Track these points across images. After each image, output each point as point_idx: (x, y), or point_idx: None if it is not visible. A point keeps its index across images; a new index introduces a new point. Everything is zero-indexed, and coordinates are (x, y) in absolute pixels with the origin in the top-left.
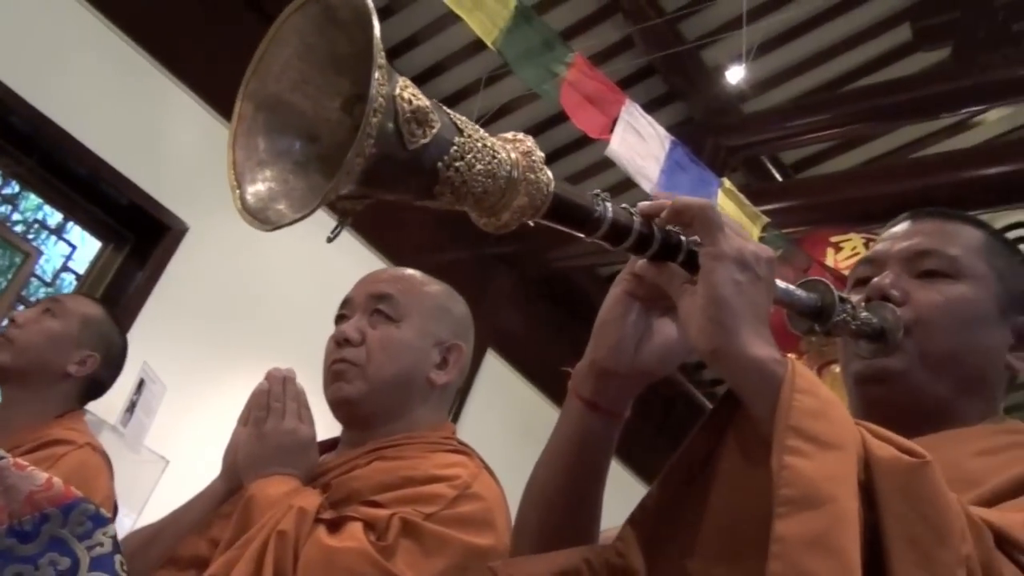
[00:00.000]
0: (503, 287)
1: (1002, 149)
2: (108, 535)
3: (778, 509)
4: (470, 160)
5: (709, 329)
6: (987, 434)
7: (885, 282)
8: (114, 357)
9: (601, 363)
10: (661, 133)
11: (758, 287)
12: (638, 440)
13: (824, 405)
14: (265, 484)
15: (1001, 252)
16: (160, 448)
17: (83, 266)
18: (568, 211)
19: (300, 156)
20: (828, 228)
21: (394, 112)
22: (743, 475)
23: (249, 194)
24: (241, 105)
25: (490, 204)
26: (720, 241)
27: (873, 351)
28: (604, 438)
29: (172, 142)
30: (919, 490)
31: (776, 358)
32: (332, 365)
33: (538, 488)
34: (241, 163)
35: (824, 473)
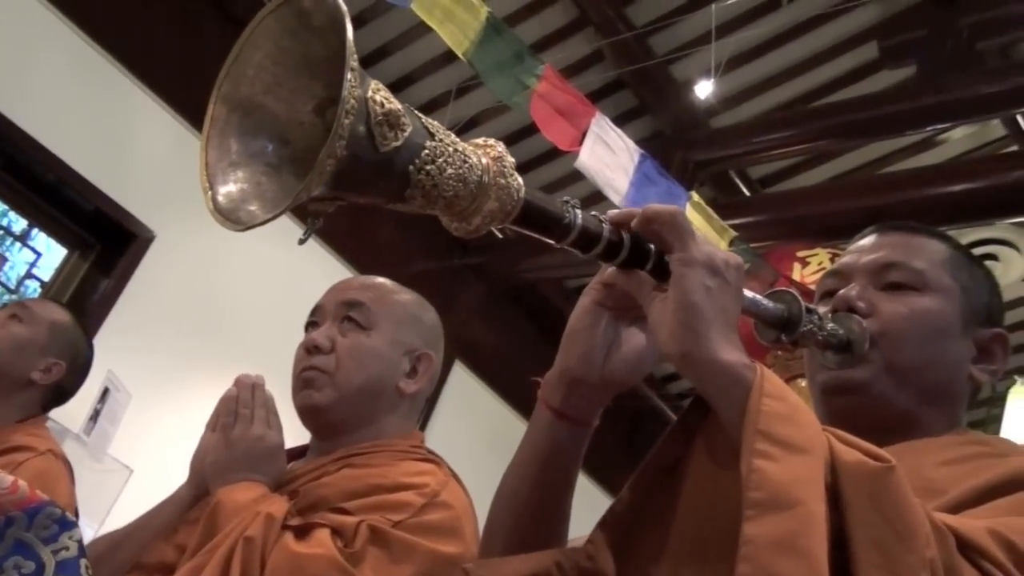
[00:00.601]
0: (471, 298)
1: (967, 167)
2: (74, 539)
3: (747, 512)
4: (441, 164)
5: (680, 333)
6: (950, 445)
7: (851, 294)
8: (80, 366)
9: (571, 372)
10: (630, 146)
11: (728, 293)
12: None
13: (792, 410)
14: (232, 490)
15: (965, 266)
16: (124, 457)
17: (48, 273)
18: (538, 217)
19: (272, 158)
20: (795, 243)
21: (366, 114)
22: (712, 479)
23: (221, 195)
24: (214, 107)
25: (461, 208)
26: (691, 247)
27: (839, 362)
28: (573, 447)
29: (140, 149)
30: (884, 494)
31: (745, 363)
32: (301, 372)
33: (507, 496)
34: (213, 164)
35: (792, 476)
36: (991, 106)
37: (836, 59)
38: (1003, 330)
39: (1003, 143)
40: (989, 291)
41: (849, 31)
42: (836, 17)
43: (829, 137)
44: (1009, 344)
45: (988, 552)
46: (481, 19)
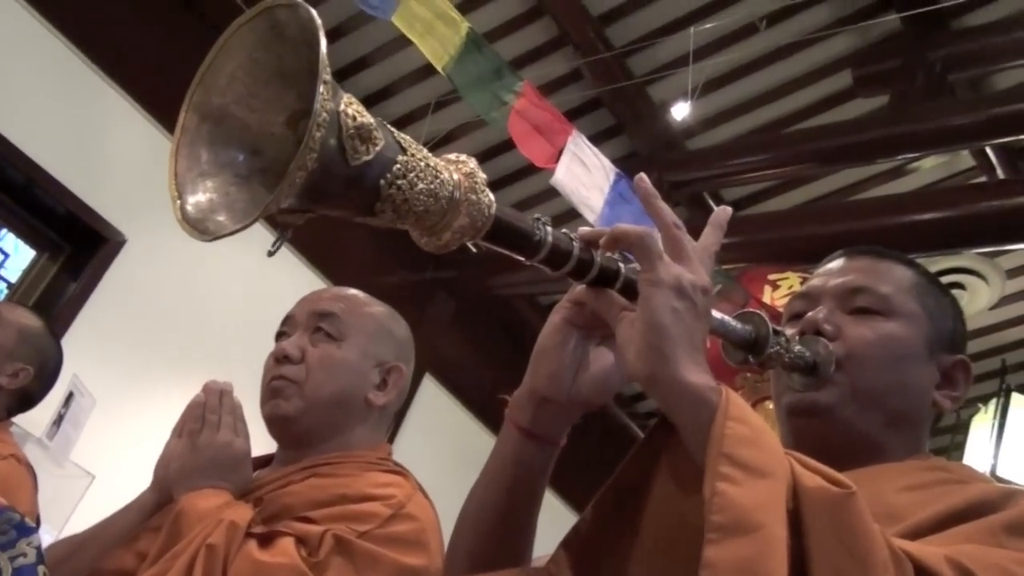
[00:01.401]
0: (442, 312)
1: (936, 196)
2: (32, 545)
3: (709, 535)
4: (412, 179)
5: (646, 354)
6: (912, 470)
7: (819, 316)
8: (49, 372)
9: (539, 391)
10: (606, 165)
11: (695, 315)
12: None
13: (756, 433)
14: (196, 497)
15: (931, 292)
16: (86, 463)
17: (15, 275)
18: (509, 233)
19: (243, 169)
20: (766, 266)
21: (338, 127)
22: (675, 500)
23: (190, 204)
24: (185, 116)
25: (431, 224)
26: (659, 268)
27: (805, 384)
28: (540, 465)
29: (112, 151)
30: (844, 520)
31: (711, 385)
32: (270, 382)
33: (473, 513)
34: (183, 173)
35: (754, 500)
36: (961, 137)
37: (811, 86)
38: (966, 357)
39: (972, 174)
40: (954, 318)
41: (824, 59)
42: (812, 45)
43: (802, 162)
44: (971, 371)
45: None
46: (461, 34)
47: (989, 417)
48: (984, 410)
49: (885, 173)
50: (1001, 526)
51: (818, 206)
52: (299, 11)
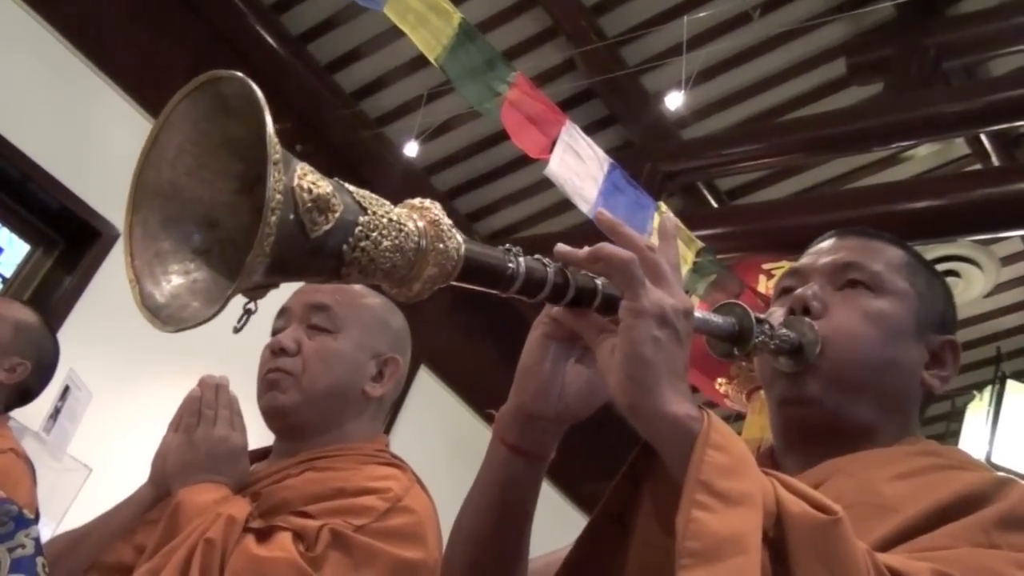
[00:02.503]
0: (437, 304)
1: (931, 184)
2: (31, 537)
3: (681, 560)
4: (376, 238)
5: (626, 385)
6: (904, 456)
7: (807, 293)
8: (45, 366)
9: (526, 408)
10: (600, 155)
11: (677, 342)
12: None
13: (736, 462)
14: (193, 491)
15: (921, 272)
16: (83, 456)
17: (10, 269)
18: (480, 272)
19: (200, 244)
20: (761, 255)
21: (294, 204)
22: (659, 527)
23: (152, 290)
24: (135, 196)
25: (400, 277)
26: (641, 296)
27: (792, 366)
28: (530, 481)
29: (105, 146)
30: (829, 547)
31: (692, 415)
32: (267, 374)
33: (465, 527)
34: (139, 255)
35: (729, 529)
36: (955, 124)
37: (805, 74)
38: (955, 338)
39: (966, 161)
40: (944, 299)
41: (818, 47)
42: (806, 33)
43: (797, 151)
44: (960, 352)
45: None
46: (454, 25)
47: (984, 404)
48: (979, 397)
49: (880, 161)
50: (992, 522)
51: (812, 195)
52: (240, 84)
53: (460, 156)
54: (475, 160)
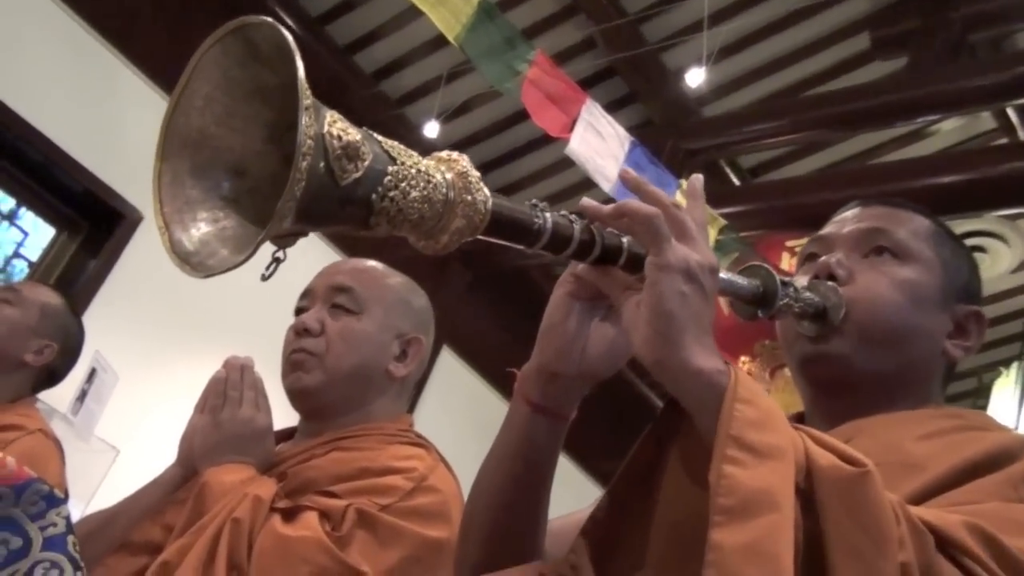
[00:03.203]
0: (459, 284)
1: (956, 159)
2: (61, 515)
3: (715, 518)
4: (404, 188)
5: (653, 340)
6: (928, 418)
7: (832, 260)
8: (72, 348)
9: (548, 367)
10: (621, 133)
11: (703, 298)
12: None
13: (765, 415)
14: (220, 472)
15: (946, 242)
16: (110, 438)
17: (36, 253)
18: (507, 226)
19: (229, 192)
20: (784, 233)
21: (324, 150)
22: (687, 484)
23: (181, 237)
24: (164, 143)
25: (428, 228)
26: (666, 251)
27: (815, 330)
28: (551, 440)
29: (127, 129)
30: (858, 499)
31: (719, 369)
32: (291, 355)
33: (485, 489)
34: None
35: (761, 483)
36: (981, 98)
37: (828, 49)
38: (980, 308)
39: (992, 135)
40: (969, 270)
41: (841, 21)
42: (828, 7)
43: (820, 127)
44: (985, 322)
45: (967, 548)
46: (473, 4)
47: (1011, 381)
48: (1006, 374)
49: (903, 137)
50: (1021, 478)
51: (836, 171)
52: (270, 29)
53: (480, 136)
54: (495, 140)
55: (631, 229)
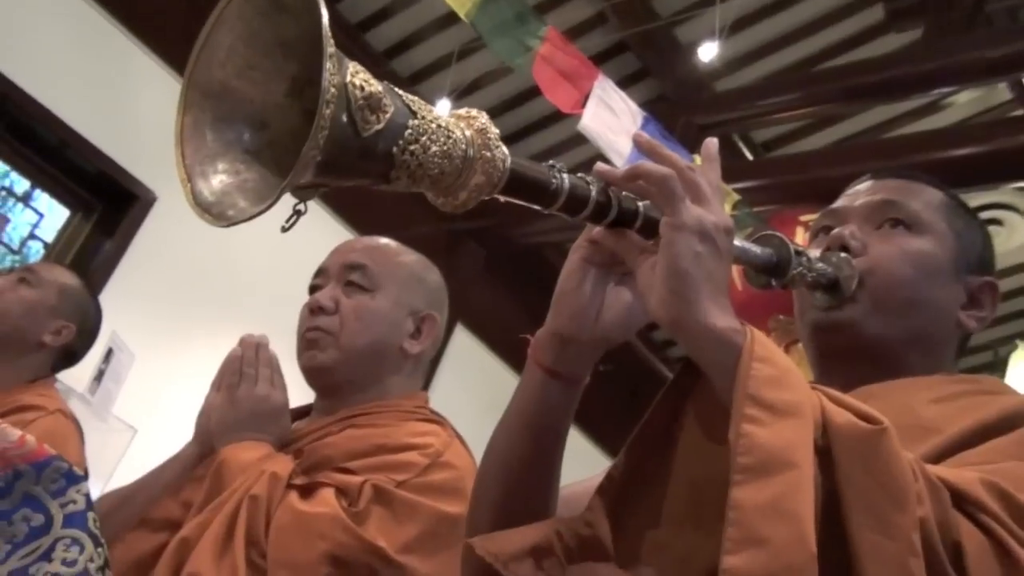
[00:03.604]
0: (472, 262)
1: (972, 131)
2: (81, 493)
3: (735, 476)
4: (425, 142)
5: (669, 300)
6: (941, 383)
7: (845, 232)
8: (89, 328)
9: (562, 331)
10: (633, 109)
11: (718, 258)
12: (606, 416)
13: (782, 373)
14: (237, 449)
15: (960, 213)
16: (128, 417)
17: (51, 234)
18: (525, 186)
19: (250, 145)
20: (798, 207)
21: (346, 100)
22: (704, 443)
23: (202, 189)
24: (186, 95)
25: (447, 185)
26: (681, 211)
27: (828, 301)
28: (564, 405)
29: (140, 110)
30: (875, 456)
31: (735, 328)
32: (306, 333)
33: (497, 454)
34: (190, 156)
35: (780, 441)
36: (997, 70)
37: (842, 22)
38: (993, 279)
39: (1009, 107)
40: (982, 241)
41: None
42: None
43: (834, 101)
44: (998, 293)
45: (984, 504)
46: None
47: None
48: (1022, 347)
49: (918, 110)
50: None
51: (850, 145)
52: None
53: (493, 113)
54: (507, 117)
55: (645, 191)
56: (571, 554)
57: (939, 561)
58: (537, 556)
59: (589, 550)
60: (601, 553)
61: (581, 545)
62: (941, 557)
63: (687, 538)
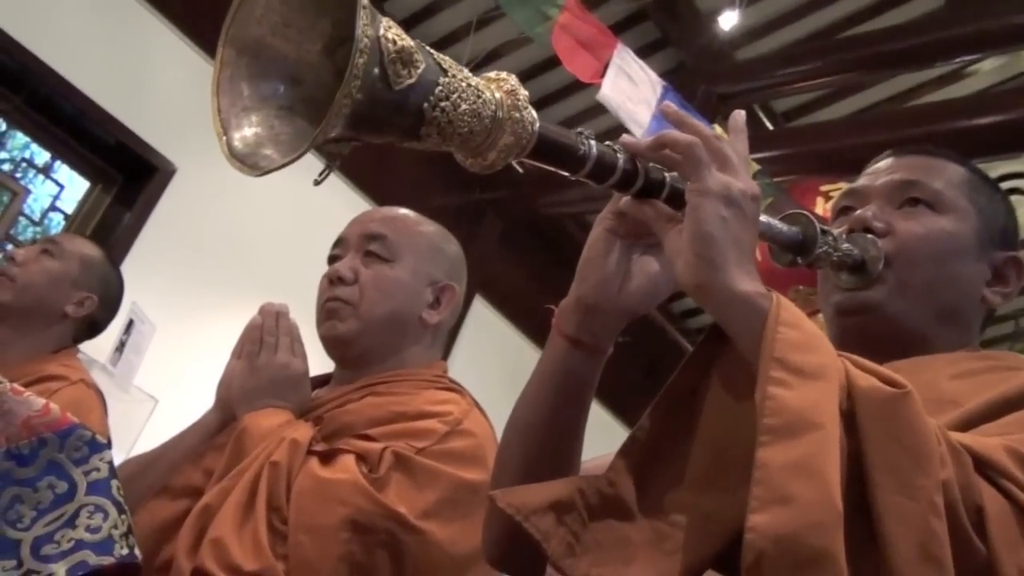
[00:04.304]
0: (491, 233)
1: (996, 98)
2: (104, 460)
3: (761, 438)
4: (455, 100)
5: (695, 264)
6: (963, 359)
7: (867, 214)
8: (111, 299)
9: (586, 300)
10: (653, 78)
11: (744, 223)
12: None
13: (808, 337)
14: (258, 416)
15: (982, 189)
16: (149, 388)
17: (71, 206)
18: (553, 149)
19: (284, 100)
20: (819, 177)
21: (379, 53)
22: (729, 406)
23: (236, 140)
24: (223, 51)
25: (476, 144)
26: (706, 177)
27: (853, 282)
28: (587, 373)
29: (160, 82)
30: (899, 419)
31: (761, 292)
32: (325, 303)
33: (520, 422)
34: (226, 110)
35: (807, 403)
36: (1021, 37)
37: None
38: (1018, 254)
39: None
40: (1006, 216)
41: None
42: None
43: (855, 69)
44: (1023, 268)
45: (1005, 469)
46: None
47: None
48: None
49: (941, 78)
50: None
51: (871, 114)
52: None
53: None
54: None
55: (671, 159)
56: (593, 511)
57: (960, 523)
58: (559, 511)
59: (611, 508)
60: (624, 512)
61: (603, 503)
62: (963, 520)
63: (711, 498)
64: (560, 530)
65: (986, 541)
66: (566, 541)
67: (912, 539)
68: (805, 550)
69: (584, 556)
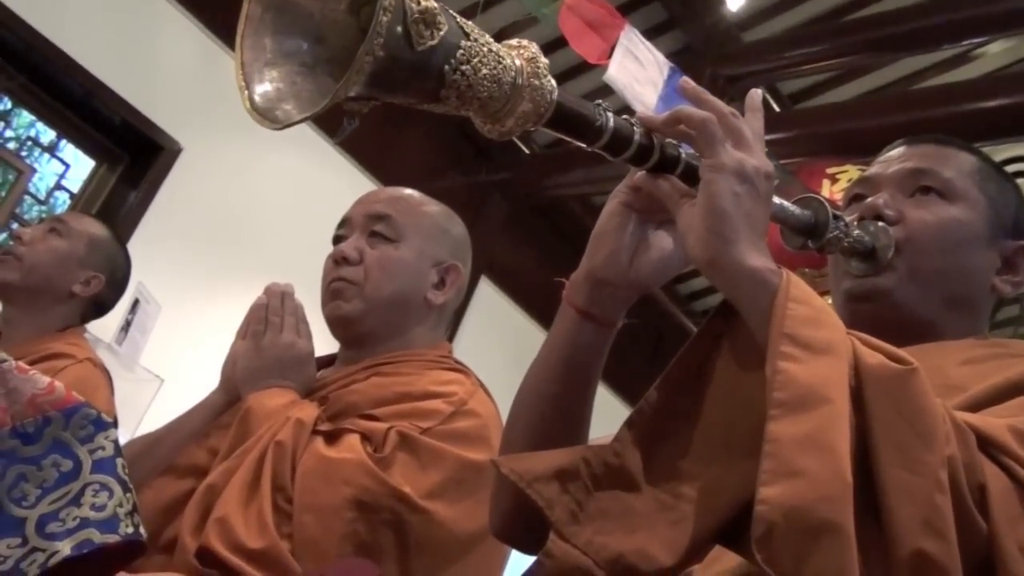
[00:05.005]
0: (497, 215)
1: (1003, 82)
2: (110, 439)
3: (771, 412)
4: (476, 64)
5: (707, 239)
6: (971, 347)
7: (879, 202)
8: (118, 279)
9: (596, 273)
10: (660, 60)
11: (757, 200)
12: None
13: (817, 313)
14: (263, 396)
15: (993, 178)
16: (155, 367)
17: (77, 185)
18: (571, 119)
19: (307, 58)
20: (825, 159)
21: (403, 12)
22: (737, 380)
23: (257, 94)
24: (249, 5)
25: (494, 110)
26: (720, 153)
27: (864, 269)
28: (596, 346)
29: (166, 61)
30: (906, 396)
31: (771, 268)
32: (330, 283)
33: (529, 395)
34: (249, 63)
35: (816, 377)
36: None
37: None
38: None
39: None
40: (1016, 204)
41: None
42: None
43: (862, 52)
44: None
45: (1009, 448)
46: None
47: None
48: None
49: (948, 61)
50: None
51: (879, 96)
52: None
53: None
54: None
55: (686, 135)
56: (598, 480)
57: (964, 500)
58: (563, 479)
59: (617, 478)
60: (629, 482)
61: (608, 473)
62: (966, 496)
63: (717, 471)
64: (564, 498)
65: (988, 518)
66: (569, 509)
67: (916, 514)
68: (815, 522)
69: (588, 524)
